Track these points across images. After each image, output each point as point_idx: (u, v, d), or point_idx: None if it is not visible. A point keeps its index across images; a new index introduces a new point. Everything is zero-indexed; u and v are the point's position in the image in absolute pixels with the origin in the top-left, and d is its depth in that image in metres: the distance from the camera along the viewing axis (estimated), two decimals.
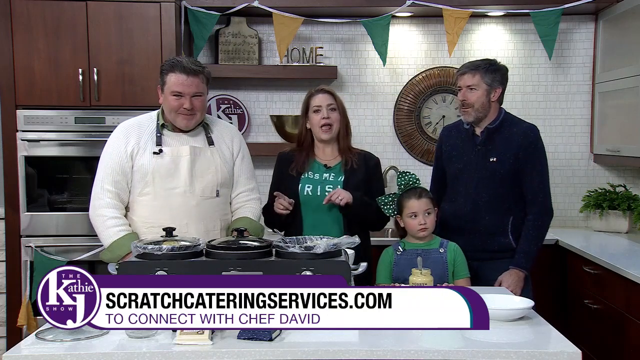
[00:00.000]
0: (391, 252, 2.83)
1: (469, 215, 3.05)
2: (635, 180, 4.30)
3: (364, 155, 3.06)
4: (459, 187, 3.11)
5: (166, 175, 2.75)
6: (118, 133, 2.81)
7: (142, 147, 2.75)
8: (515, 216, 3.04)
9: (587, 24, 4.36)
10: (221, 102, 4.40)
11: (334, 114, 2.97)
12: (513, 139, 3.03)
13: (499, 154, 3.03)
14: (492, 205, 3.03)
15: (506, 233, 3.03)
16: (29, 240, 3.78)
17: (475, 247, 3.00)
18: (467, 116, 3.06)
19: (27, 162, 3.78)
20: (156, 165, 2.73)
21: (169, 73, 2.72)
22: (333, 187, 2.93)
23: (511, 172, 3.02)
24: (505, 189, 3.03)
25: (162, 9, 3.81)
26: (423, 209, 2.77)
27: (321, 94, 2.98)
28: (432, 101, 4.45)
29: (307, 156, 3.03)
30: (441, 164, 3.24)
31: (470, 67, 3.06)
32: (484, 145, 3.07)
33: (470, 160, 3.09)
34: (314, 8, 4.13)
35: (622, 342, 3.06)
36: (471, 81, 3.03)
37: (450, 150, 3.18)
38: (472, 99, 3.02)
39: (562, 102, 4.42)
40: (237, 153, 2.93)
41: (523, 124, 3.11)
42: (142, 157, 2.74)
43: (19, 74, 3.76)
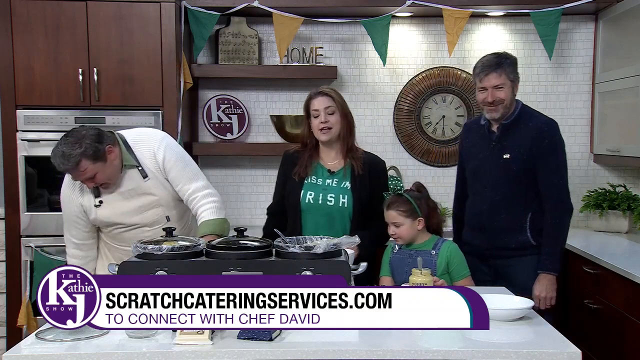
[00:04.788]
0: (389, 249, 2.86)
1: (486, 213, 3.02)
2: (635, 180, 4.30)
3: (370, 160, 2.98)
4: (476, 184, 3.08)
5: (113, 222, 2.84)
6: (63, 194, 2.88)
7: (86, 200, 2.82)
8: (535, 212, 2.99)
9: (587, 24, 4.36)
10: (221, 102, 4.40)
11: (333, 116, 2.89)
12: (527, 134, 2.97)
13: (512, 150, 2.97)
14: (508, 203, 2.99)
15: (524, 230, 2.99)
16: (29, 240, 3.78)
17: (494, 245, 3.00)
18: (496, 113, 2.98)
19: (27, 162, 3.79)
20: (100, 216, 2.82)
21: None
22: (335, 195, 2.89)
23: (526, 168, 2.96)
24: (521, 186, 2.98)
25: (162, 9, 3.81)
26: (390, 220, 2.77)
27: (319, 97, 2.91)
28: (432, 101, 4.44)
29: (311, 158, 2.97)
30: (462, 160, 3.21)
31: (494, 66, 2.96)
32: (499, 141, 3.02)
33: (486, 157, 3.05)
34: (314, 8, 4.13)
35: (622, 342, 3.06)
36: (498, 80, 2.95)
37: (469, 147, 3.14)
38: (502, 96, 2.95)
39: (562, 102, 4.42)
40: (162, 167, 2.83)
41: (540, 118, 3.04)
42: (90, 209, 2.82)
43: (19, 74, 3.76)
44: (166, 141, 2.89)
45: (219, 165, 4.41)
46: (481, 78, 2.99)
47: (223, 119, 4.40)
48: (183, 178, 2.84)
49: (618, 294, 3.10)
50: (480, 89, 3.02)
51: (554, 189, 2.96)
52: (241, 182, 4.50)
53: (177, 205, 2.91)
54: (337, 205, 2.88)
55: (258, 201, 4.45)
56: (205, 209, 2.83)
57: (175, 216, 2.92)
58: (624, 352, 3.04)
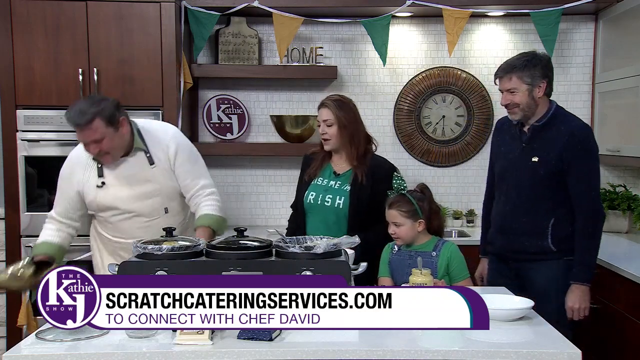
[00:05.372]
0: (389, 249, 2.86)
1: (508, 216, 2.95)
2: (635, 180, 4.30)
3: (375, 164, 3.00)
4: (502, 185, 3.01)
5: (111, 206, 2.85)
6: (66, 169, 2.91)
7: (86, 181, 2.84)
8: (558, 218, 2.87)
9: (587, 24, 4.36)
10: (221, 102, 4.40)
11: (330, 129, 2.96)
12: (558, 138, 2.85)
13: (541, 154, 2.87)
14: (530, 207, 2.90)
15: (545, 236, 2.88)
16: (29, 240, 3.78)
17: (513, 248, 2.94)
18: (515, 115, 2.91)
19: (27, 162, 3.79)
20: (99, 198, 2.83)
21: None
22: (333, 196, 2.95)
23: (553, 173, 2.85)
24: (547, 191, 2.87)
25: (162, 9, 3.81)
26: (391, 219, 2.77)
27: (321, 109, 3.00)
28: (432, 101, 4.44)
29: (324, 160, 3.07)
30: (493, 158, 3.15)
31: (505, 69, 2.89)
32: (529, 143, 2.92)
33: (514, 158, 2.96)
34: (314, 8, 4.13)
35: (622, 342, 3.06)
36: (509, 84, 2.86)
37: (500, 145, 3.07)
38: (516, 100, 2.87)
39: (562, 102, 4.33)
40: (173, 159, 2.88)
41: (574, 122, 2.93)
42: (88, 191, 2.84)
43: (19, 74, 3.76)
44: (180, 135, 2.98)
45: (219, 165, 4.41)
46: (495, 81, 2.96)
47: (223, 119, 4.40)
48: (190, 174, 2.90)
49: (618, 294, 3.10)
50: (500, 91, 2.97)
51: (584, 197, 2.84)
52: (241, 182, 4.50)
53: (177, 198, 2.94)
54: (333, 206, 2.94)
55: (258, 201, 4.46)
56: (208, 205, 2.90)
57: (174, 209, 2.93)
58: (624, 352, 3.04)
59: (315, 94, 4.42)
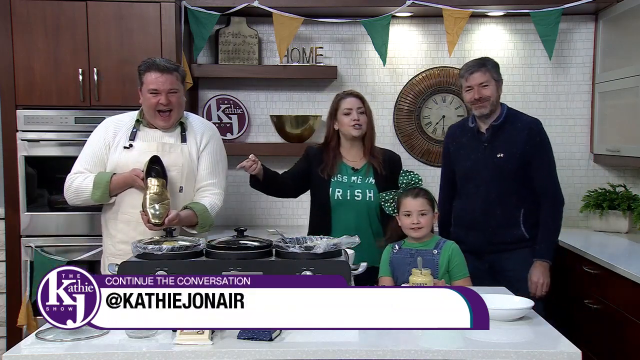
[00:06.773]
0: (390, 248, 2.85)
1: (481, 211, 3.16)
2: (635, 180, 4.30)
3: (389, 157, 3.24)
4: (469, 184, 3.21)
5: (129, 169, 2.86)
6: (101, 126, 3.00)
7: (117, 141, 2.93)
8: (527, 208, 3.14)
9: (587, 24, 4.36)
10: (221, 102, 4.40)
11: (363, 116, 3.15)
12: (518, 134, 3.13)
13: (505, 150, 3.13)
14: (502, 200, 3.13)
15: (518, 225, 3.14)
16: (29, 240, 3.78)
17: (489, 241, 3.14)
18: (484, 109, 3.14)
19: (27, 162, 3.78)
20: (123, 159, 2.89)
21: (145, 73, 2.90)
22: (362, 191, 3.10)
23: (519, 166, 3.12)
24: (515, 183, 3.13)
25: (162, 9, 3.81)
26: (418, 208, 2.78)
27: (351, 98, 3.16)
28: (432, 101, 4.44)
29: (335, 158, 3.17)
30: (449, 163, 3.34)
31: (478, 65, 3.14)
32: (490, 142, 3.16)
33: (478, 157, 3.18)
34: (314, 8, 4.13)
35: (622, 342, 3.06)
36: (483, 78, 3.11)
37: (458, 149, 3.28)
38: (487, 93, 3.11)
39: (562, 102, 4.42)
40: (203, 147, 3.00)
41: (526, 118, 3.22)
42: (115, 151, 2.91)
43: (19, 74, 3.76)
44: (217, 132, 3.16)
45: None
46: (467, 77, 3.16)
47: (223, 119, 4.40)
48: (209, 168, 3.01)
49: (618, 294, 3.10)
50: (467, 88, 3.17)
51: (549, 184, 3.15)
52: (241, 182, 4.48)
53: (193, 182, 2.98)
54: (365, 199, 3.10)
55: (258, 201, 4.45)
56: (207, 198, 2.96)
57: (188, 193, 2.96)
58: (624, 352, 3.04)
59: (315, 94, 4.42)
